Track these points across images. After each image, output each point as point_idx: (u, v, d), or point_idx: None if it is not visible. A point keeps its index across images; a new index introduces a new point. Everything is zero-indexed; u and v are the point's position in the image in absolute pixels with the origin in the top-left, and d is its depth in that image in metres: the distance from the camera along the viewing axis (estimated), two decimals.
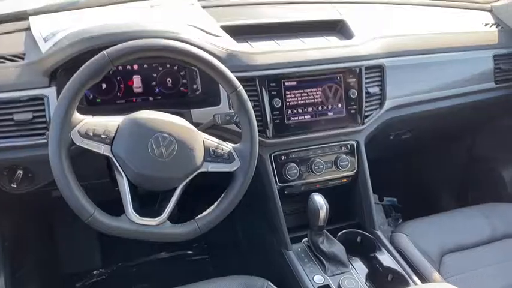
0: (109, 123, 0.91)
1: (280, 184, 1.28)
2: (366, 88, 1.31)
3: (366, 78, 1.31)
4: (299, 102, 1.26)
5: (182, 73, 1.22)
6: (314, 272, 1.18)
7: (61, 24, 1.16)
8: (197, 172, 0.94)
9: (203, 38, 1.14)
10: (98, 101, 1.17)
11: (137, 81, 1.19)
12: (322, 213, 1.17)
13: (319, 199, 1.18)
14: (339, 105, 1.30)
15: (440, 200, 2.03)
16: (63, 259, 1.75)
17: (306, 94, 1.27)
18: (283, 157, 1.28)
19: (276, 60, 1.23)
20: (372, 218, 1.35)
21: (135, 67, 1.18)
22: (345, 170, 1.34)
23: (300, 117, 1.27)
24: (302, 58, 1.25)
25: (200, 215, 0.96)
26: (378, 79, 1.34)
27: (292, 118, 1.26)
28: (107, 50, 0.89)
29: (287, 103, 1.24)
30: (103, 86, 1.16)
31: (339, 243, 1.24)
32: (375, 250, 1.27)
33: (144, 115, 0.93)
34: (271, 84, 1.22)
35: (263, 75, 1.20)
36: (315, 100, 1.27)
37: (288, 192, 1.31)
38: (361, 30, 1.37)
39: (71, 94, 0.86)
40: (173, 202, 0.93)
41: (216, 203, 0.98)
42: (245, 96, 1.00)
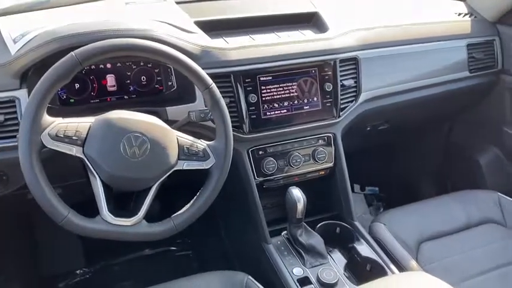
0: (80, 124, 0.90)
1: (258, 178, 1.29)
2: (341, 81, 1.32)
3: (341, 71, 1.32)
4: (275, 97, 1.26)
5: (157, 70, 1.22)
6: (293, 265, 1.20)
7: (31, 24, 1.14)
8: (171, 171, 0.94)
9: (176, 35, 1.14)
10: (72, 101, 1.16)
11: (111, 80, 1.18)
12: (299, 206, 1.18)
13: (296, 192, 1.19)
14: (315, 98, 1.31)
15: (420, 189, 2.06)
16: (45, 260, 1.74)
17: (282, 89, 1.27)
18: (260, 152, 1.29)
19: (251, 55, 1.23)
20: (350, 209, 1.37)
21: (109, 66, 1.17)
22: (323, 163, 1.36)
23: (276, 111, 1.27)
24: (277, 53, 1.25)
25: (176, 213, 0.97)
26: (353, 72, 1.35)
27: (268, 113, 1.26)
28: (75, 51, 0.88)
29: (263, 98, 1.25)
30: (76, 86, 1.15)
31: (318, 235, 1.26)
32: (354, 240, 1.28)
33: (116, 115, 0.92)
34: (246, 79, 1.22)
35: (238, 71, 1.20)
36: (291, 94, 1.28)
37: (267, 186, 1.32)
38: (335, 22, 1.38)
39: (40, 96, 0.85)
40: (148, 201, 0.93)
41: (192, 201, 0.98)
42: (218, 93, 1.00)
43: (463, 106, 1.78)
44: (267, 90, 1.25)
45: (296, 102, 1.29)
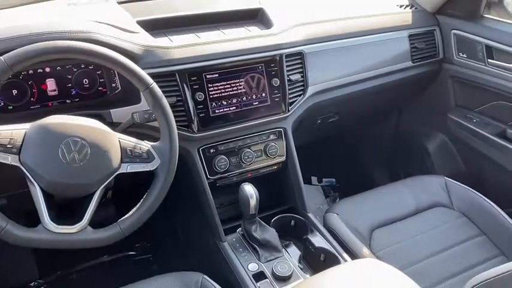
0: (14, 131, 0.87)
1: (211, 177, 1.29)
2: (288, 76, 1.34)
3: (287, 66, 1.34)
4: (223, 94, 1.26)
5: (99, 72, 1.19)
6: (248, 260, 1.20)
7: None
8: (115, 174, 0.92)
9: (116, 35, 1.12)
10: (10, 108, 1.11)
11: (51, 84, 1.14)
12: (252, 201, 1.18)
13: (249, 188, 1.19)
14: (263, 94, 1.31)
15: (374, 177, 2.12)
16: None
17: (229, 86, 1.27)
18: (211, 150, 1.29)
19: (196, 53, 1.22)
20: (303, 201, 1.38)
21: (48, 70, 1.13)
22: (275, 157, 1.37)
23: (225, 109, 1.27)
24: (222, 50, 1.25)
25: (123, 217, 0.95)
26: (299, 66, 1.37)
27: (217, 111, 1.26)
28: (4, 56, 0.85)
29: (210, 96, 1.24)
30: (14, 92, 1.10)
31: (272, 229, 1.27)
32: (308, 232, 1.30)
33: (53, 120, 0.90)
34: (192, 78, 1.21)
35: (183, 69, 1.19)
36: (239, 91, 1.28)
37: (220, 184, 1.32)
38: (280, 18, 1.39)
39: None
40: (92, 207, 0.91)
41: (139, 204, 0.97)
42: (159, 93, 0.99)
43: (409, 95, 1.84)
44: (214, 87, 1.25)
45: (244, 98, 1.29)
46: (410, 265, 1.24)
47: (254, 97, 1.30)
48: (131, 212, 0.95)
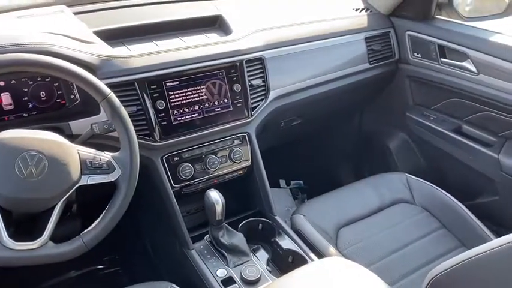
0: None
1: (176, 185, 1.28)
2: (249, 81, 1.35)
3: (248, 71, 1.35)
4: (184, 101, 1.26)
5: (56, 84, 1.16)
6: (217, 267, 1.20)
7: None
8: (75, 187, 0.91)
9: (71, 46, 1.10)
10: None
11: (6, 98, 1.11)
12: (218, 208, 1.19)
13: (214, 195, 1.19)
14: (225, 100, 1.32)
15: (340, 177, 2.16)
16: None
17: (191, 93, 1.27)
18: (175, 158, 1.28)
19: (155, 61, 1.21)
20: (270, 204, 1.40)
21: (2, 83, 1.10)
22: (240, 162, 1.37)
23: (188, 116, 1.27)
24: (181, 57, 1.25)
25: (85, 230, 0.94)
26: (260, 71, 1.38)
27: (179, 118, 1.26)
28: None
29: (172, 104, 1.24)
30: None
31: (240, 234, 1.28)
32: (275, 235, 1.32)
33: (8, 134, 0.88)
34: (152, 86, 1.20)
35: (142, 78, 1.18)
36: (201, 98, 1.28)
37: (186, 191, 1.32)
38: (239, 24, 1.41)
39: None
40: (53, 221, 0.89)
41: (101, 216, 0.95)
42: (117, 102, 0.98)
43: (369, 96, 1.89)
44: (175, 95, 1.25)
45: (207, 105, 1.30)
46: (375, 261, 1.27)
47: (216, 103, 1.31)
48: (94, 225, 0.94)
